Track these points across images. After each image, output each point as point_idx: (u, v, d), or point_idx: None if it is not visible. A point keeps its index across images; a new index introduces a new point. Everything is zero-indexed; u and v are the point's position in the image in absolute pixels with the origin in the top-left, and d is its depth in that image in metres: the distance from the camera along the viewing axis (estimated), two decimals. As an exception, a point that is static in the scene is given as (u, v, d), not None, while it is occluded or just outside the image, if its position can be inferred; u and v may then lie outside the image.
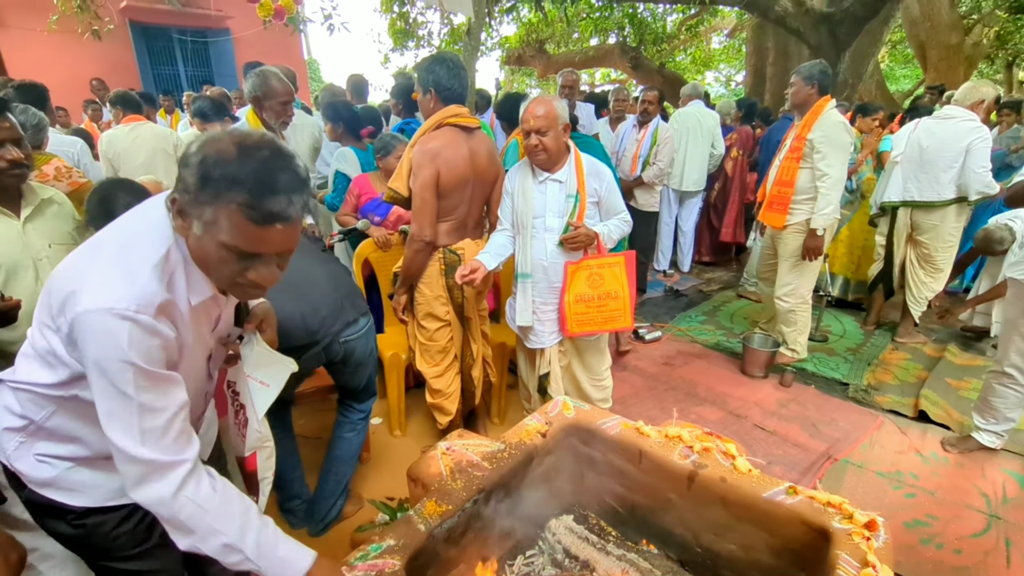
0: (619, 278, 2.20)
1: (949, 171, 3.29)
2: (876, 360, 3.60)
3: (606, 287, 2.19)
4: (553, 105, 2.02)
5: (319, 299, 1.82)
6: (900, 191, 3.51)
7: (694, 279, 5.29)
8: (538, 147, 2.03)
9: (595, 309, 2.21)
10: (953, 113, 3.33)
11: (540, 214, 2.14)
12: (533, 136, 2.02)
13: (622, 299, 2.22)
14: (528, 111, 2.03)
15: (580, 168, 2.13)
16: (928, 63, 9.57)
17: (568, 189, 2.13)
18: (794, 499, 1.32)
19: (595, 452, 1.62)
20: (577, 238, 2.09)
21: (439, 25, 9.81)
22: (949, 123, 3.31)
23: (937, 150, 3.32)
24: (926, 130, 3.39)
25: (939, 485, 2.42)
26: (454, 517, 1.23)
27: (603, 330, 2.30)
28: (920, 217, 3.50)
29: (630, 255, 2.24)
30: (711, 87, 18.33)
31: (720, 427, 2.81)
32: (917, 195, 3.44)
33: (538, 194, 2.13)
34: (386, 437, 2.74)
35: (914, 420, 2.92)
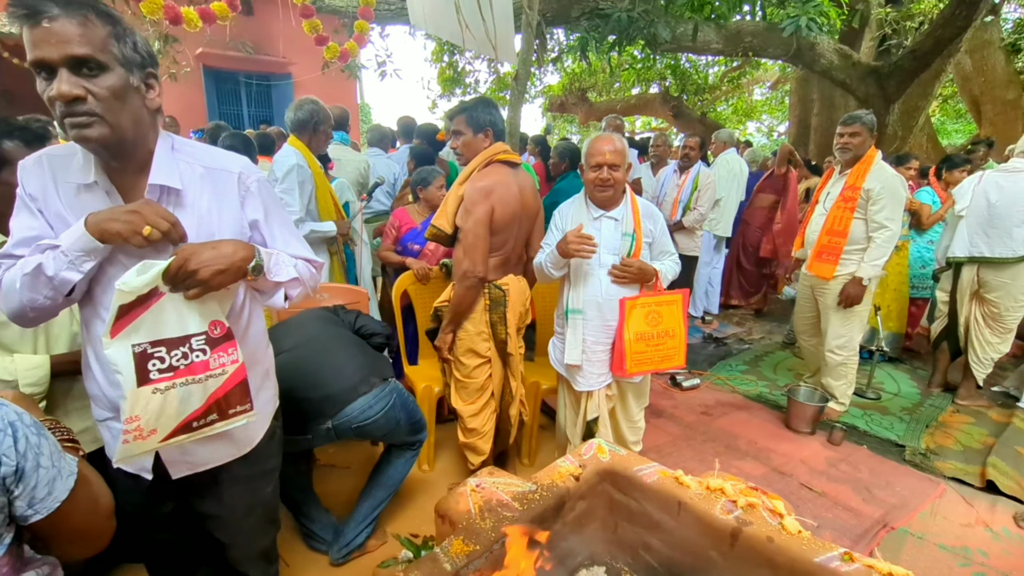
0: (676, 316, 2.19)
1: (1023, 226, 3.14)
2: (935, 422, 3.36)
3: (664, 325, 2.16)
4: (623, 145, 2.05)
5: (331, 377, 1.85)
6: (967, 247, 3.36)
7: (734, 327, 5.14)
8: (608, 182, 2.04)
9: (653, 348, 2.17)
10: (1020, 166, 3.21)
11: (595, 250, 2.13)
12: (606, 170, 2.03)
13: (679, 337, 2.20)
14: (601, 144, 2.04)
15: (636, 208, 2.14)
16: (983, 118, 9.32)
17: (624, 227, 2.12)
18: (851, 567, 1.21)
19: (631, 500, 1.53)
20: (630, 268, 2.07)
21: (486, 74, 10.20)
22: (1018, 176, 3.19)
23: (1008, 205, 3.19)
24: (994, 184, 3.26)
25: (1014, 566, 2.19)
26: (481, 558, 1.17)
27: (659, 369, 2.25)
28: (989, 274, 3.33)
29: (686, 293, 2.23)
30: (752, 137, 18.31)
31: (763, 484, 2.63)
32: (987, 251, 3.28)
33: (593, 230, 2.11)
34: (414, 471, 2.67)
35: (981, 490, 2.68)
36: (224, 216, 1.17)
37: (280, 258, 1.23)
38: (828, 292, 3.16)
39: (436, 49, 9.38)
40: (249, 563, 1.47)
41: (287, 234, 1.31)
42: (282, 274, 1.21)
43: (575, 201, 2.21)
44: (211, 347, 1.12)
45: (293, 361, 1.79)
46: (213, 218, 1.16)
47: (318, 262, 1.36)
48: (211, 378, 1.12)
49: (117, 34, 0.99)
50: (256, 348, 1.30)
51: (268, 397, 1.37)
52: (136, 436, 1.07)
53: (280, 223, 1.30)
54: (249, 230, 1.23)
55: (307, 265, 1.32)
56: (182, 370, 1.09)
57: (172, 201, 1.12)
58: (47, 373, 1.43)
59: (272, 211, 1.27)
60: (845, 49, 6.64)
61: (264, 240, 1.26)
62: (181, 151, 1.16)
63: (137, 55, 1.03)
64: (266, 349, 1.37)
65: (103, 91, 0.97)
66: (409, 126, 4.83)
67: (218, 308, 1.14)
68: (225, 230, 1.17)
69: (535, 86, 12.09)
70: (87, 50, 0.94)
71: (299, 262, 1.29)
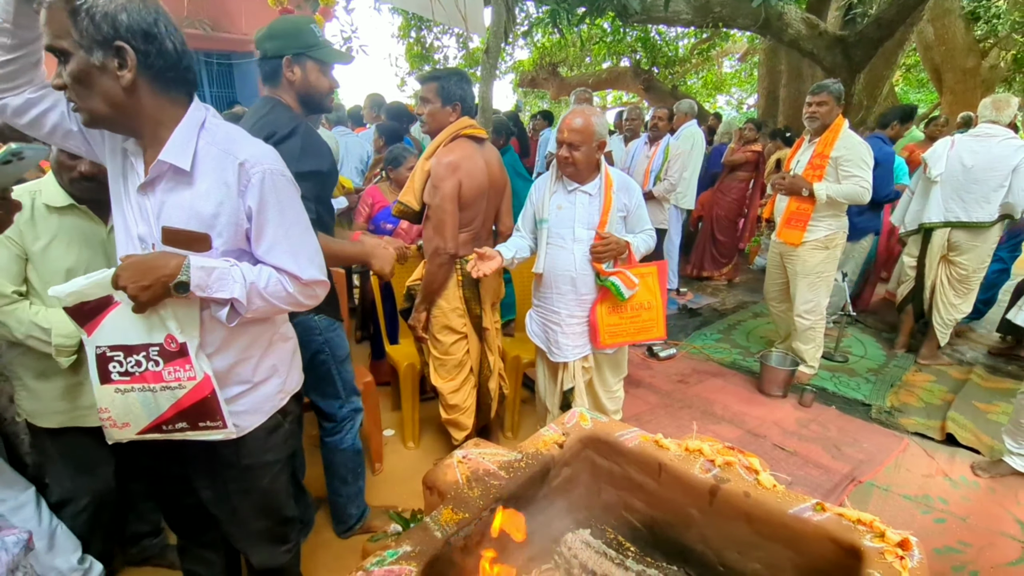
0: (652, 288, 2.19)
1: (999, 190, 3.22)
2: (899, 381, 3.52)
3: (639, 298, 2.17)
4: (592, 121, 2.01)
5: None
6: (942, 211, 3.42)
7: (708, 297, 5.24)
8: (567, 160, 2.03)
9: (628, 320, 2.19)
10: (992, 131, 3.26)
11: (569, 225, 2.13)
12: (564, 148, 2.02)
13: (655, 309, 2.21)
14: (564, 122, 2.03)
15: (609, 182, 2.13)
16: (944, 86, 9.55)
17: (598, 202, 2.13)
18: (822, 516, 1.27)
19: (613, 465, 1.58)
20: (608, 246, 2.08)
21: (455, 49, 10.01)
22: (992, 142, 3.25)
23: (985, 169, 3.24)
24: (968, 149, 3.30)
25: (970, 511, 2.33)
26: (471, 525, 1.20)
27: (635, 341, 2.27)
28: (961, 237, 3.42)
29: (663, 265, 2.23)
30: (723, 110, 18.44)
31: (738, 446, 2.73)
32: (963, 215, 3.35)
33: (567, 204, 2.12)
34: (399, 449, 2.71)
35: (941, 443, 2.83)
36: (221, 204, 1.10)
37: (229, 273, 1.10)
38: (796, 258, 3.24)
39: (403, 24, 9.16)
40: (243, 543, 1.47)
41: (278, 238, 1.16)
42: (223, 291, 1.09)
43: (548, 176, 2.20)
44: (164, 360, 1.11)
45: None
46: (206, 204, 1.10)
47: (303, 279, 1.20)
48: (167, 389, 1.13)
49: (75, 11, 0.94)
50: (252, 344, 1.25)
51: (270, 392, 1.31)
52: (111, 425, 1.15)
53: (276, 224, 1.15)
54: (247, 221, 1.13)
55: (281, 280, 1.18)
56: (136, 376, 1.11)
57: (180, 180, 1.10)
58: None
59: (269, 209, 1.14)
60: (812, 19, 6.70)
61: (252, 237, 1.17)
62: (211, 130, 1.12)
63: (96, 30, 0.95)
64: (270, 345, 1.30)
65: (69, 79, 0.98)
66: (378, 103, 4.73)
67: (174, 323, 1.11)
68: (220, 222, 1.11)
69: (505, 61, 11.94)
70: (52, 40, 0.96)
71: (270, 277, 1.16)
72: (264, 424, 1.30)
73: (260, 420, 1.29)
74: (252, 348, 1.25)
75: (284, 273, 1.18)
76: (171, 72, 1.05)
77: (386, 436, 2.77)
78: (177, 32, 1.05)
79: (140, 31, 0.98)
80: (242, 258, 1.17)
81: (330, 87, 1.73)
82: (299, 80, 1.67)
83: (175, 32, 1.05)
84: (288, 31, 1.66)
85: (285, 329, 1.38)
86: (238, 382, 1.24)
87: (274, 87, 1.70)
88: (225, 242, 1.12)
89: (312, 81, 1.68)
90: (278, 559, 1.51)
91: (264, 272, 1.16)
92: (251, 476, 1.34)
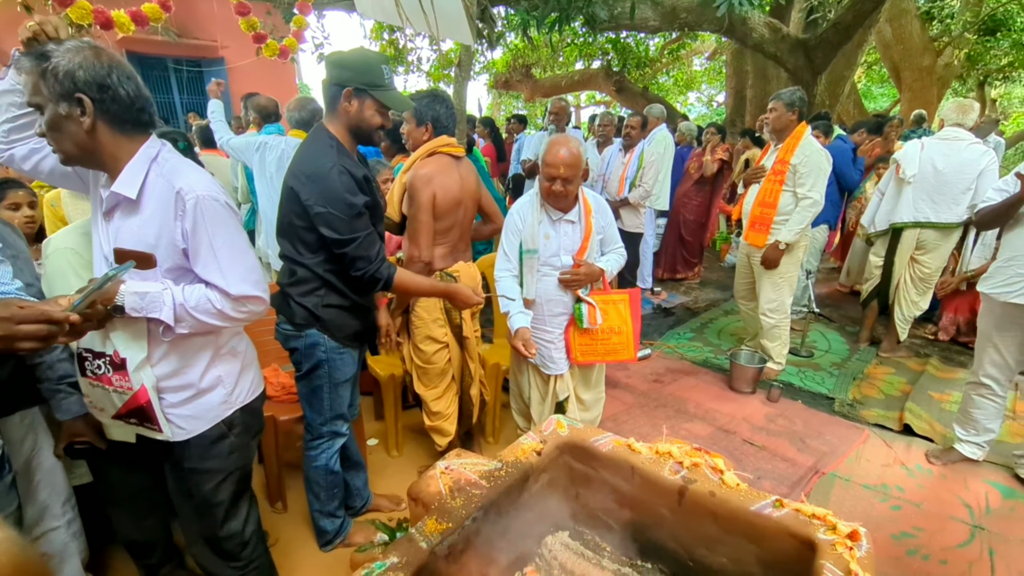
0: (623, 314, 2.26)
1: (967, 193, 3.37)
2: (861, 375, 3.69)
3: (609, 323, 2.25)
4: (579, 152, 2.05)
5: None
6: (912, 212, 3.55)
7: (681, 296, 5.39)
8: (561, 194, 2.09)
9: (599, 342, 2.28)
10: (960, 135, 3.38)
11: (555, 252, 2.21)
12: (559, 183, 2.06)
13: (625, 334, 2.27)
14: (556, 157, 2.02)
15: (588, 209, 2.20)
16: (903, 84, 9.91)
17: (580, 229, 2.20)
18: (781, 512, 1.38)
19: (589, 469, 1.66)
20: (578, 277, 2.17)
21: (428, 52, 10.02)
22: (960, 145, 3.37)
23: (955, 172, 3.37)
24: (940, 153, 3.41)
25: (924, 497, 2.48)
26: (455, 534, 1.27)
27: (605, 361, 2.36)
28: (929, 237, 3.57)
29: (635, 293, 2.29)
30: (693, 107, 18.75)
31: (710, 443, 2.87)
32: (933, 216, 3.49)
33: (553, 234, 2.19)
34: (383, 457, 2.76)
35: (899, 433, 2.99)
36: (162, 227, 1.26)
37: (160, 296, 1.24)
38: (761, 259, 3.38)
39: (375, 27, 9.13)
40: (191, 546, 1.62)
41: (210, 257, 1.30)
42: (155, 312, 1.24)
43: (530, 203, 2.21)
44: (113, 369, 1.32)
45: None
46: (150, 228, 1.26)
47: (232, 294, 1.31)
48: (117, 392, 1.33)
49: (43, 73, 1.13)
50: (196, 353, 1.39)
51: (214, 401, 1.43)
52: (91, 408, 1.43)
53: (207, 244, 1.29)
54: (184, 242, 1.28)
55: (210, 297, 1.30)
56: (99, 376, 1.34)
57: (131, 208, 1.27)
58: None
59: (200, 231, 1.27)
60: (775, 23, 6.91)
61: (189, 256, 1.30)
62: (161, 162, 1.28)
63: (59, 85, 1.13)
64: (216, 357, 1.43)
65: (45, 127, 1.18)
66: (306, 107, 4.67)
67: (119, 340, 1.29)
68: (162, 244, 1.27)
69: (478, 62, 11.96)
70: (30, 97, 1.16)
71: (200, 297, 1.29)
72: (207, 432, 1.44)
73: (203, 427, 1.43)
74: (196, 357, 1.40)
75: (214, 288, 1.31)
76: (126, 114, 1.22)
77: (370, 445, 2.82)
78: (130, 81, 1.21)
79: (95, 83, 1.16)
80: (185, 275, 1.32)
81: (381, 125, 1.78)
82: (354, 113, 1.72)
83: (128, 81, 1.21)
84: (358, 66, 1.69)
85: (238, 345, 1.51)
86: (184, 386, 1.38)
87: (331, 112, 1.76)
88: (168, 260, 1.29)
89: (366, 117, 1.73)
90: (223, 572, 1.59)
91: (195, 293, 1.30)
92: (193, 479, 1.47)
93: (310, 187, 1.66)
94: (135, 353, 1.30)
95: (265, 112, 3.86)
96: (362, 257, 1.73)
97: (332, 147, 1.71)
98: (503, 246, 2.26)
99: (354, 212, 1.68)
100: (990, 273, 2.45)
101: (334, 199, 1.65)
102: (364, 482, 2.34)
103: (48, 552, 1.60)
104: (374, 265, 1.76)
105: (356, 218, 1.69)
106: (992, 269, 2.44)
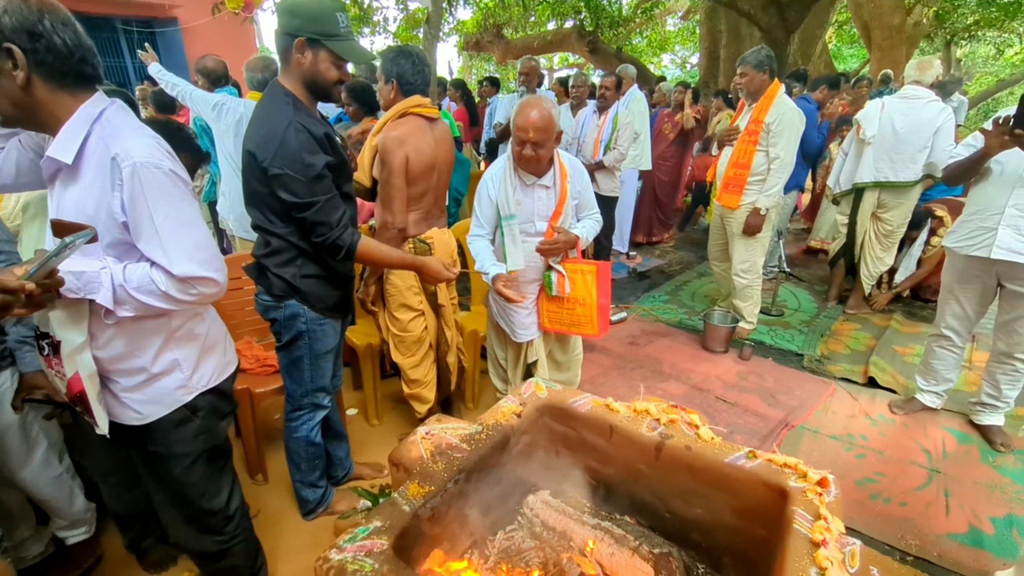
0: (588, 286, 2.22)
1: (924, 151, 3.43)
2: (829, 331, 3.80)
3: (576, 292, 2.23)
4: (551, 114, 1.98)
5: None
6: (872, 172, 3.61)
7: (656, 260, 5.44)
8: (533, 159, 2.03)
9: (565, 311, 2.28)
10: (919, 93, 3.42)
11: (529, 218, 2.18)
12: (530, 148, 2.00)
13: (589, 307, 2.24)
14: (527, 120, 1.95)
15: (564, 172, 2.16)
16: (872, 43, 9.95)
17: (555, 194, 2.16)
18: (754, 463, 1.42)
19: (568, 429, 1.69)
20: (556, 245, 2.14)
21: (395, 11, 9.65)
22: (918, 104, 3.41)
23: (912, 131, 3.42)
24: (899, 112, 3.45)
25: (886, 445, 2.60)
26: (437, 497, 1.28)
27: (569, 332, 2.36)
28: (889, 197, 3.66)
29: (604, 266, 2.23)
30: (667, 70, 18.58)
31: (684, 401, 2.94)
32: (892, 176, 3.56)
33: (526, 200, 2.15)
34: (363, 426, 2.76)
35: (864, 386, 3.11)
36: (100, 201, 1.14)
37: (98, 277, 1.13)
38: (734, 220, 3.42)
39: (338, -15, 8.70)
40: (168, 523, 1.56)
41: (151, 233, 1.16)
42: (93, 294, 1.13)
43: (504, 171, 2.15)
44: (53, 352, 1.20)
45: None
46: (89, 198, 1.14)
47: (176, 274, 1.18)
48: (56, 377, 1.24)
49: None
50: (146, 336, 1.27)
51: (169, 386, 1.33)
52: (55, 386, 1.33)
53: (148, 218, 1.15)
54: (124, 215, 1.15)
55: (154, 277, 1.17)
56: (45, 357, 1.24)
57: (70, 174, 1.15)
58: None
59: (139, 202, 1.14)
60: (749, -21, 6.82)
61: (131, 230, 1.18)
62: (104, 123, 1.15)
63: None
64: (170, 340, 1.31)
65: None
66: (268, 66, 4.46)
67: (55, 322, 1.16)
68: (101, 216, 1.14)
69: (448, 23, 11.59)
70: None
71: (143, 277, 1.17)
72: (169, 416, 1.34)
73: (163, 411, 1.33)
74: (146, 340, 1.27)
75: (158, 268, 1.18)
76: (64, 66, 1.09)
77: (350, 415, 2.81)
78: (67, 28, 1.08)
79: (24, 31, 1.03)
80: (131, 252, 1.20)
81: (339, 79, 1.65)
82: (308, 66, 1.59)
83: (64, 28, 1.07)
84: (310, 13, 1.54)
85: (197, 328, 1.37)
86: (136, 370, 1.28)
87: (285, 65, 1.63)
88: (108, 235, 1.16)
89: (321, 71, 1.60)
90: (206, 546, 1.57)
91: (138, 272, 1.17)
92: (160, 463, 1.41)
93: (266, 147, 1.56)
94: (71, 337, 1.18)
95: (213, 75, 3.53)
96: (322, 223, 1.64)
97: (288, 104, 1.60)
98: (476, 212, 2.23)
99: (313, 173, 1.58)
100: (954, 228, 2.52)
101: (291, 159, 1.55)
102: (346, 452, 2.34)
103: (60, 496, 1.78)
104: (335, 231, 1.66)
105: (315, 180, 1.59)
106: (956, 223, 2.51)
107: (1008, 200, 2.27)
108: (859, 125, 3.62)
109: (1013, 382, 2.49)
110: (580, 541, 1.49)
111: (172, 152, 1.22)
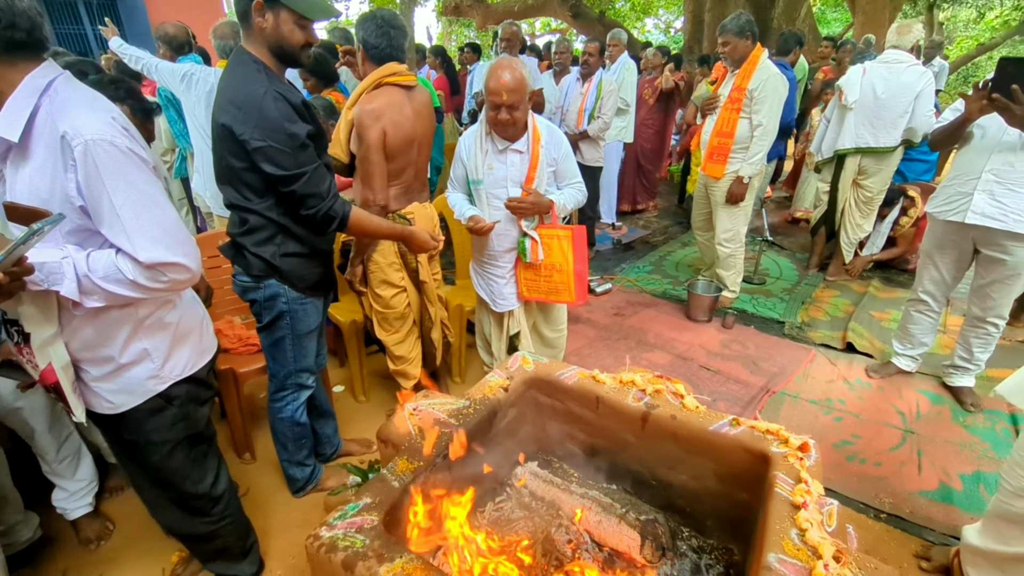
0: (564, 251, 2.19)
1: (904, 116, 3.43)
2: (809, 299, 3.86)
3: (551, 259, 2.21)
4: (523, 75, 1.93)
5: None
6: (854, 138, 3.61)
7: (640, 230, 5.45)
8: (508, 122, 1.99)
9: (543, 279, 2.26)
10: (900, 58, 3.40)
11: (502, 184, 2.14)
12: (504, 111, 1.96)
13: (566, 273, 2.22)
14: (499, 83, 1.92)
15: (537, 137, 2.12)
16: (856, 6, 9.86)
17: (528, 159, 2.12)
18: (737, 430, 1.45)
19: (555, 402, 1.70)
20: (523, 204, 2.11)
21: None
22: (899, 68, 3.39)
23: (893, 97, 3.41)
24: (879, 77, 3.44)
25: (863, 408, 2.67)
26: (426, 471, 1.29)
27: (548, 300, 2.35)
28: (869, 163, 3.67)
29: (580, 231, 2.20)
30: (651, 34, 18.27)
31: (669, 370, 2.98)
32: (873, 141, 3.56)
33: (499, 164, 2.12)
34: (351, 403, 2.76)
35: (842, 351, 3.18)
36: (53, 182, 1.06)
37: (60, 267, 1.06)
38: (718, 190, 3.42)
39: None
40: (154, 510, 1.57)
41: (112, 216, 1.08)
42: (56, 285, 1.06)
43: (477, 135, 2.14)
44: (24, 341, 1.13)
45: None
46: (42, 179, 1.05)
47: (142, 260, 1.10)
48: (28, 364, 1.17)
49: None
50: (113, 326, 1.23)
51: (139, 376, 1.28)
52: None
53: (107, 200, 1.07)
54: (80, 198, 1.07)
55: (119, 265, 1.10)
56: (16, 344, 1.16)
57: (21, 153, 1.06)
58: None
59: (94, 183, 1.05)
60: (733, -59, 6.66)
61: (91, 214, 1.10)
62: (53, 96, 1.05)
63: None
64: (138, 329, 1.26)
65: None
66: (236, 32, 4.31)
67: (24, 312, 1.09)
68: (55, 199, 1.06)
69: (425, -13, 11.20)
70: None
71: (108, 265, 1.10)
72: (142, 406, 1.31)
73: (135, 401, 1.30)
74: (113, 330, 1.22)
75: (124, 255, 1.11)
76: (5, 33, 1.00)
77: (336, 392, 2.81)
78: None
79: None
80: (93, 238, 1.13)
81: (306, 41, 1.55)
82: (270, 29, 1.49)
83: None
84: None
85: (167, 316, 1.32)
86: (104, 359, 1.24)
87: (246, 31, 1.53)
88: (68, 221, 1.08)
89: (284, 33, 1.49)
90: (194, 527, 1.57)
91: (102, 260, 1.10)
92: (137, 451, 1.39)
93: (243, 119, 1.47)
94: (40, 329, 1.12)
95: (175, 42, 3.28)
96: (313, 194, 1.57)
97: (259, 71, 1.51)
98: (452, 174, 2.26)
99: (297, 143, 1.51)
100: (936, 192, 2.54)
101: (273, 129, 1.47)
102: (334, 430, 2.34)
103: (70, 455, 1.87)
104: (327, 202, 1.60)
105: (300, 149, 1.52)
106: (938, 188, 2.53)
107: (986, 165, 2.29)
108: (841, 91, 3.60)
109: (985, 345, 2.57)
110: (568, 510, 1.52)
111: (130, 127, 1.14)
